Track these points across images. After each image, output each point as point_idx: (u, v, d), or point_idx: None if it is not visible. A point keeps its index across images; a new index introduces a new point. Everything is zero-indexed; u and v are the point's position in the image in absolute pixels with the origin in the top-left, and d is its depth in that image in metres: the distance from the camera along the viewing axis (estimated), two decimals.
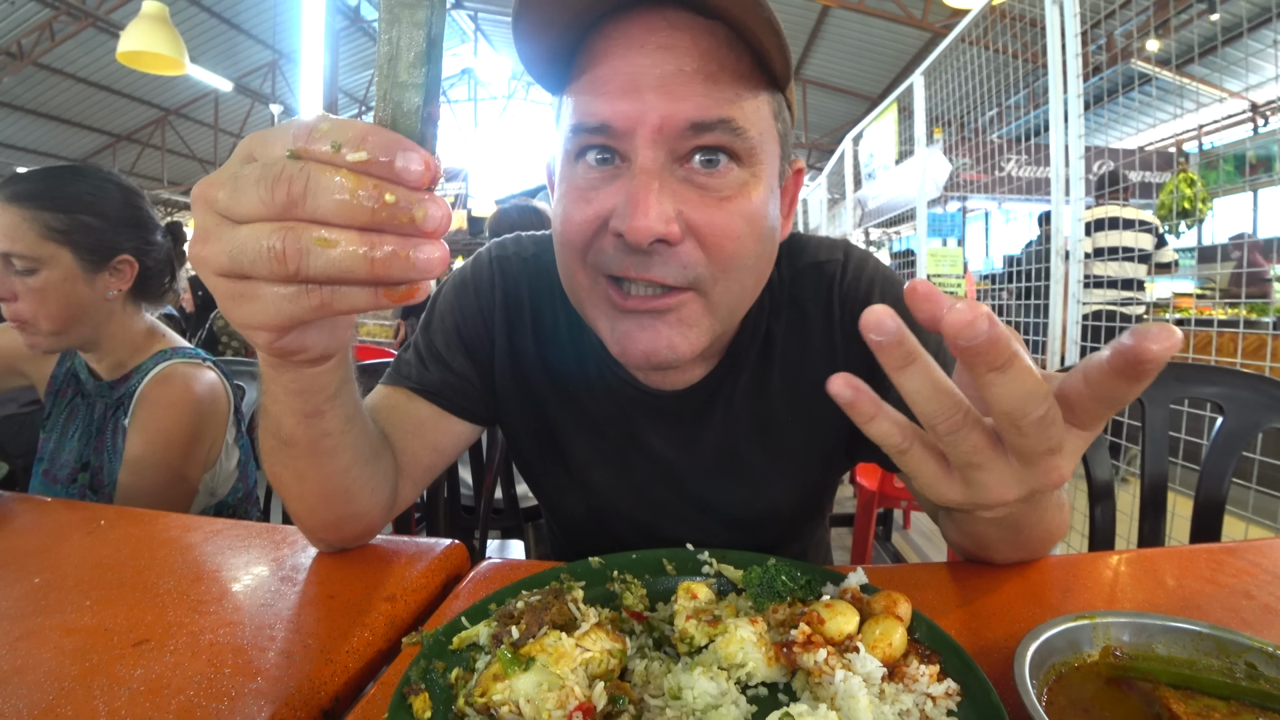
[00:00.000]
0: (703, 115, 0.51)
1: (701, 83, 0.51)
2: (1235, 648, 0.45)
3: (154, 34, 3.57)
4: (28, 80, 10.37)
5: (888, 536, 3.01)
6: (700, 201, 0.54)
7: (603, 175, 0.55)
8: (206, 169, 14.36)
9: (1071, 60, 2.17)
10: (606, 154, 0.55)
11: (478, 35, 13.30)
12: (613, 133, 0.53)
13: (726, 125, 0.52)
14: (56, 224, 1.02)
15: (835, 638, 0.46)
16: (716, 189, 0.54)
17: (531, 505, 1.91)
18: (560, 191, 0.59)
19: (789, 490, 0.78)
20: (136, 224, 1.12)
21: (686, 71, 0.51)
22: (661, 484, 0.77)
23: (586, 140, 0.55)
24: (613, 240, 0.55)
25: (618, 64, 0.52)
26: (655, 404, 0.74)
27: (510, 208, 2.47)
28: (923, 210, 3.96)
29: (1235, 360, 1.90)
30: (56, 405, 1.19)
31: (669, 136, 0.52)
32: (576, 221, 0.56)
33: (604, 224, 0.55)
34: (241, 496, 1.20)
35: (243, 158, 0.34)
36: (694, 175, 0.54)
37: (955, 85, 3.46)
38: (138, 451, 1.04)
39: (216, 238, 0.34)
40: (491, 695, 0.41)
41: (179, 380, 1.10)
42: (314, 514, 0.62)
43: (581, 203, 0.56)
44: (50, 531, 0.75)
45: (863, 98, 11.31)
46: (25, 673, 0.47)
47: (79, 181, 1.07)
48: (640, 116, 0.51)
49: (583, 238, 0.56)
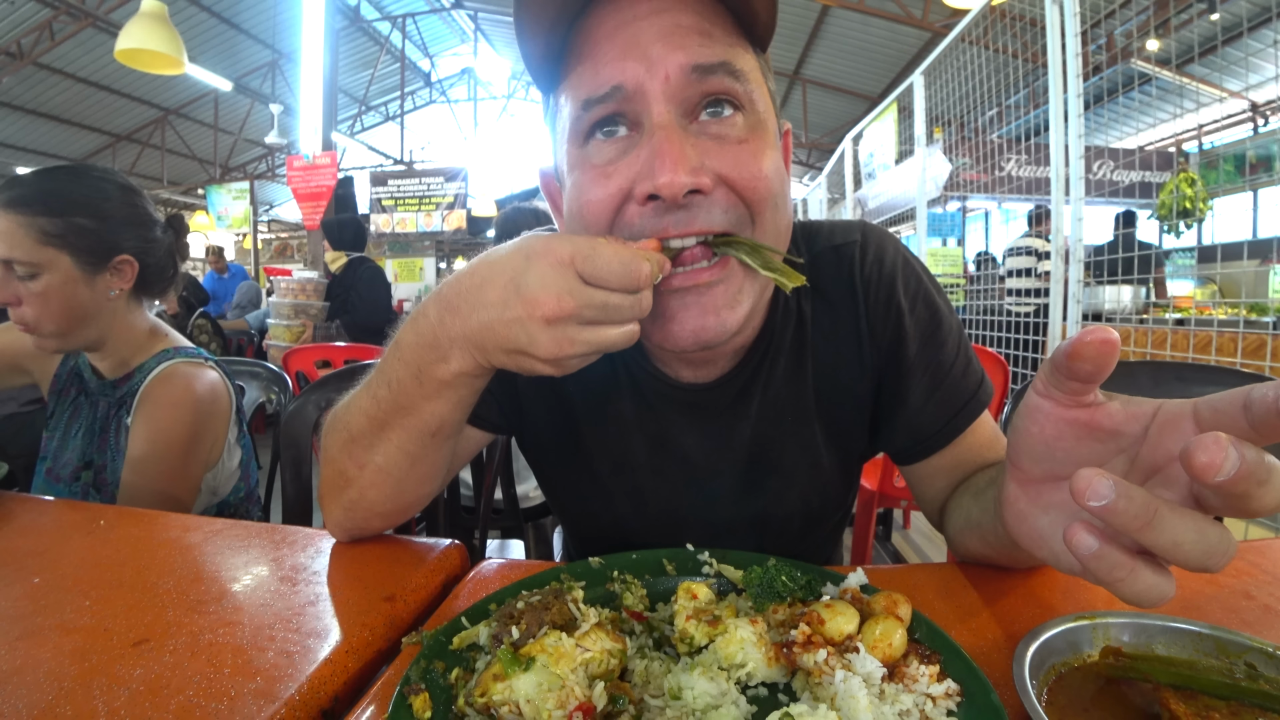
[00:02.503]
0: (704, 59, 0.53)
1: (698, 34, 0.54)
2: (1235, 648, 0.45)
3: (153, 33, 3.57)
4: (28, 80, 10.35)
5: (888, 536, 3.01)
6: (720, 149, 0.55)
7: (616, 147, 0.56)
8: (207, 169, 14.35)
9: (1071, 60, 2.17)
10: (616, 125, 0.56)
11: (478, 35, 13.28)
12: (624, 94, 0.54)
13: (727, 67, 0.54)
14: (52, 228, 1.02)
15: (835, 638, 0.46)
16: (730, 136, 0.56)
17: (531, 505, 1.91)
18: (572, 180, 0.59)
19: (818, 482, 0.77)
20: (135, 222, 1.13)
21: (683, 25, 0.54)
22: (691, 488, 0.76)
23: (598, 112, 0.55)
24: (641, 209, 0.55)
25: (614, 32, 0.54)
26: (688, 398, 0.72)
27: (525, 210, 2.47)
28: (923, 210, 3.96)
29: (1235, 360, 1.90)
30: (60, 404, 1.19)
31: (677, 86, 0.53)
32: (598, 199, 0.56)
33: (627, 196, 0.55)
34: (243, 496, 1.20)
35: (575, 277, 0.48)
36: (706, 126, 0.55)
37: (955, 85, 3.46)
38: (140, 450, 1.04)
39: (588, 341, 0.50)
40: (491, 695, 0.41)
41: (180, 379, 1.10)
42: (403, 494, 0.66)
43: (601, 179, 0.56)
44: (50, 531, 0.75)
45: (863, 97, 11.30)
46: (25, 673, 0.47)
47: (75, 183, 1.07)
48: (648, 70, 0.53)
49: (607, 214, 0.56)
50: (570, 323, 0.49)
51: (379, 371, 0.60)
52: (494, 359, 0.52)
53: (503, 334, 0.50)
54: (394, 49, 12.69)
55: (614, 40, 0.54)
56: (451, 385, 0.56)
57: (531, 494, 1.92)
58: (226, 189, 12.84)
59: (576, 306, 0.48)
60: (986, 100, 3.26)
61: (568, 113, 0.58)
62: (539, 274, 0.48)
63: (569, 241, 0.49)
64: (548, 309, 0.48)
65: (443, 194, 10.61)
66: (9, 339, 1.15)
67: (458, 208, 10.50)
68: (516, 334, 0.49)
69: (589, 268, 0.48)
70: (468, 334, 0.52)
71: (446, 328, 0.53)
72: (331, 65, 4.51)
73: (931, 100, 3.76)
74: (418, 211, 10.72)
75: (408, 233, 10.87)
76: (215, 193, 12.70)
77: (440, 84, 15.24)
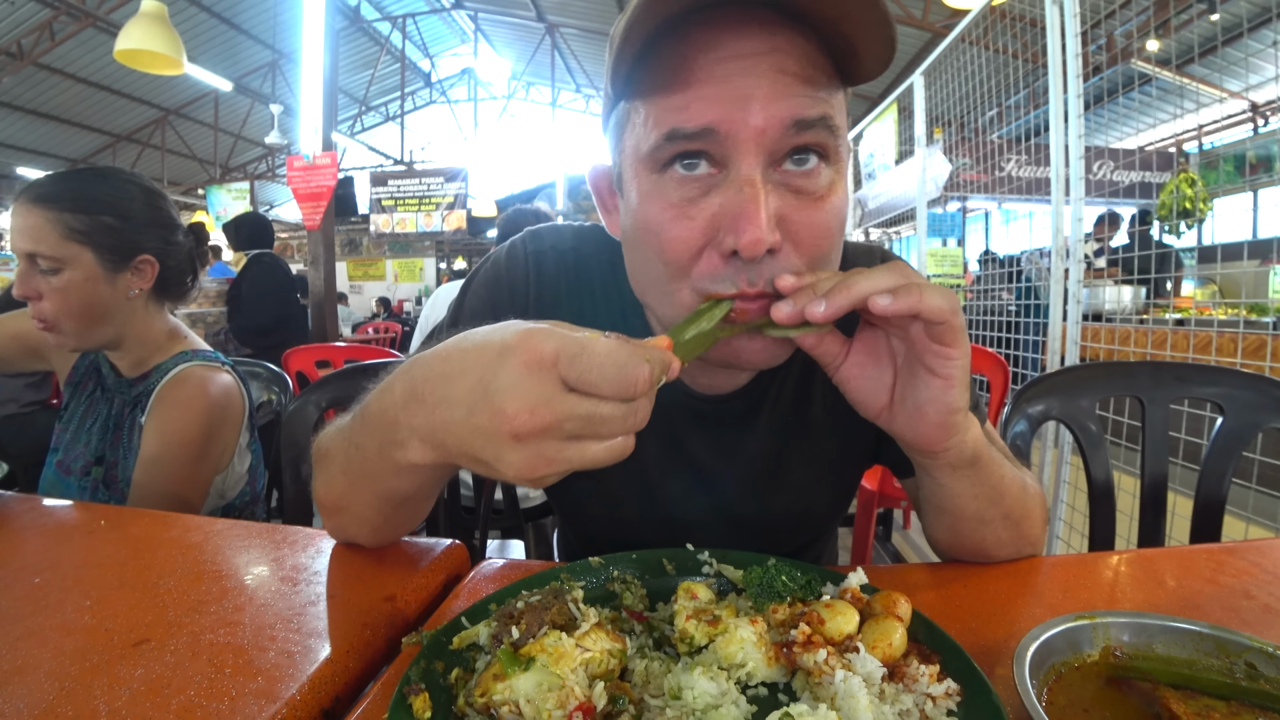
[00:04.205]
0: (806, 113, 0.51)
1: (801, 83, 0.51)
2: (1235, 648, 0.45)
3: (152, 33, 3.57)
4: (28, 80, 10.36)
5: (888, 536, 3.01)
6: (798, 204, 0.53)
7: (698, 186, 0.53)
8: (207, 169, 14.36)
9: (1071, 60, 2.17)
10: (697, 160, 0.53)
11: (478, 35, 13.28)
12: (715, 137, 0.51)
13: (825, 122, 0.52)
14: (78, 225, 1.04)
15: (835, 638, 0.46)
16: (811, 190, 0.53)
17: (531, 505, 1.91)
18: (646, 205, 0.56)
19: (824, 495, 0.78)
20: (158, 224, 1.14)
21: (788, 72, 0.50)
22: (698, 494, 0.76)
23: (683, 147, 0.52)
24: (720, 261, 0.53)
25: (714, 67, 0.50)
26: (700, 408, 0.73)
27: (526, 212, 2.48)
28: (923, 210, 3.96)
29: (1235, 360, 1.90)
30: (76, 397, 1.20)
31: (772, 138, 0.51)
32: (680, 239, 0.54)
33: (708, 239, 0.53)
34: (249, 500, 1.21)
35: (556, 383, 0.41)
36: (790, 178, 0.53)
37: (955, 85, 3.46)
38: (152, 451, 1.05)
39: (568, 459, 0.42)
40: (491, 695, 0.41)
41: (195, 382, 1.11)
42: (382, 534, 0.67)
43: (683, 219, 0.53)
44: (50, 531, 0.75)
45: (863, 98, 11.29)
46: (25, 673, 0.47)
47: (101, 183, 1.09)
48: (744, 119, 0.50)
49: (689, 255, 0.54)
50: (547, 438, 0.41)
51: (353, 423, 0.56)
52: (457, 460, 0.46)
53: (467, 441, 0.43)
54: (394, 49, 12.70)
55: (714, 76, 0.50)
56: (411, 472, 0.51)
57: (532, 494, 1.92)
58: (226, 189, 12.85)
59: (554, 420, 0.40)
60: (986, 100, 3.26)
61: (645, 132, 0.54)
62: (512, 376, 0.40)
63: (554, 337, 0.41)
64: (518, 423, 0.40)
65: (443, 194, 10.61)
66: (31, 325, 1.16)
67: (458, 208, 10.50)
68: (481, 445, 0.42)
69: (575, 371, 0.40)
70: (430, 429, 0.45)
71: (410, 415, 0.46)
72: (331, 65, 4.51)
73: (931, 100, 3.76)
74: (418, 212, 10.72)
75: (408, 233, 10.87)
76: (215, 193, 12.70)
77: (440, 84, 15.25)
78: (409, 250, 13.22)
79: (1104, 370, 1.13)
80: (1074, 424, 1.05)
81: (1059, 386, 1.07)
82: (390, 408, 0.48)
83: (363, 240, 13.10)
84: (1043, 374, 1.10)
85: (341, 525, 0.66)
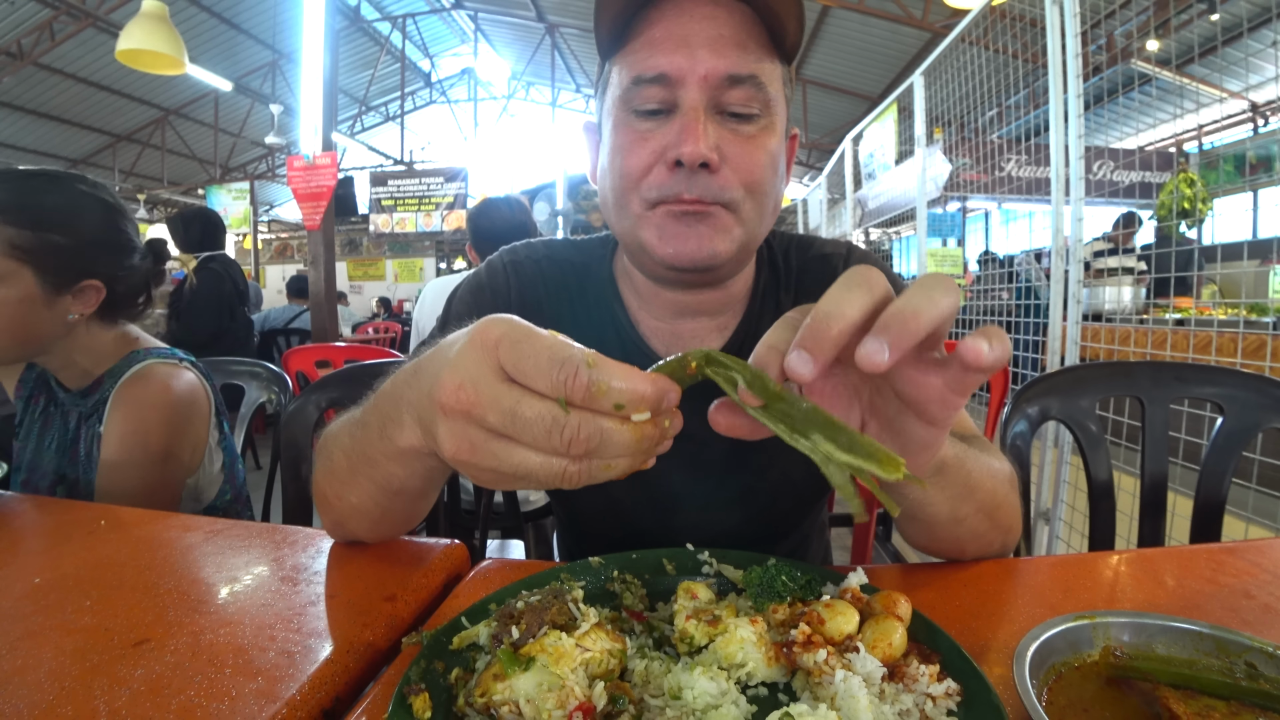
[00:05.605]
0: (738, 69, 0.65)
1: (735, 46, 0.65)
2: (1235, 648, 0.45)
3: (153, 33, 3.57)
4: (28, 80, 10.36)
5: (888, 536, 3.01)
6: (733, 138, 0.67)
7: (656, 121, 0.67)
8: (207, 169, 14.36)
9: (1071, 60, 2.17)
10: (656, 106, 0.67)
11: (478, 35, 13.28)
12: (667, 81, 0.65)
13: (754, 80, 0.65)
14: (21, 241, 0.95)
15: (835, 638, 0.46)
16: (745, 131, 0.67)
17: (531, 507, 1.92)
18: (614, 137, 0.70)
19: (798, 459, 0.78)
20: (112, 247, 1.06)
21: (725, 36, 0.65)
22: (683, 457, 0.76)
23: (645, 90, 0.66)
24: (665, 173, 0.66)
25: (672, 28, 0.65)
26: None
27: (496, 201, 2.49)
28: (923, 210, 3.96)
29: (1235, 360, 1.90)
30: (29, 412, 1.13)
31: (711, 85, 0.65)
32: (636, 155, 0.68)
33: (658, 158, 0.67)
34: (230, 499, 1.16)
35: (493, 368, 0.39)
36: (727, 121, 0.67)
37: (955, 85, 3.46)
38: (114, 455, 0.98)
39: (495, 454, 0.40)
40: (491, 695, 0.41)
41: (156, 380, 1.05)
42: (381, 529, 0.68)
43: (640, 141, 0.68)
44: (50, 531, 0.75)
45: (863, 98, 11.30)
46: (25, 673, 0.47)
47: (55, 194, 1.00)
48: (690, 67, 0.64)
49: (641, 170, 0.68)
50: (470, 423, 0.40)
51: (365, 405, 0.58)
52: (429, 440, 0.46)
53: (418, 407, 0.45)
54: (394, 49, 12.70)
55: (669, 36, 0.65)
56: (407, 457, 0.51)
57: (532, 497, 1.92)
58: (227, 189, 12.86)
59: (477, 401, 0.39)
60: (986, 100, 3.26)
61: (619, 81, 0.69)
62: (460, 352, 0.41)
63: (506, 324, 0.40)
64: (445, 395, 0.40)
65: (442, 194, 10.62)
66: None
67: (457, 208, 10.50)
68: (423, 413, 0.44)
69: (513, 357, 0.39)
70: (415, 402, 0.46)
71: (409, 389, 0.48)
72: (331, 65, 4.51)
73: (931, 100, 3.75)
74: (417, 211, 10.73)
75: (407, 233, 10.88)
76: (215, 193, 12.72)
77: (440, 84, 15.24)
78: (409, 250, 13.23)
79: (1104, 370, 1.13)
80: (1074, 424, 1.05)
81: (1059, 386, 1.07)
82: (399, 384, 0.51)
83: (363, 240, 13.12)
84: (1043, 374, 1.10)
85: (339, 519, 0.66)
